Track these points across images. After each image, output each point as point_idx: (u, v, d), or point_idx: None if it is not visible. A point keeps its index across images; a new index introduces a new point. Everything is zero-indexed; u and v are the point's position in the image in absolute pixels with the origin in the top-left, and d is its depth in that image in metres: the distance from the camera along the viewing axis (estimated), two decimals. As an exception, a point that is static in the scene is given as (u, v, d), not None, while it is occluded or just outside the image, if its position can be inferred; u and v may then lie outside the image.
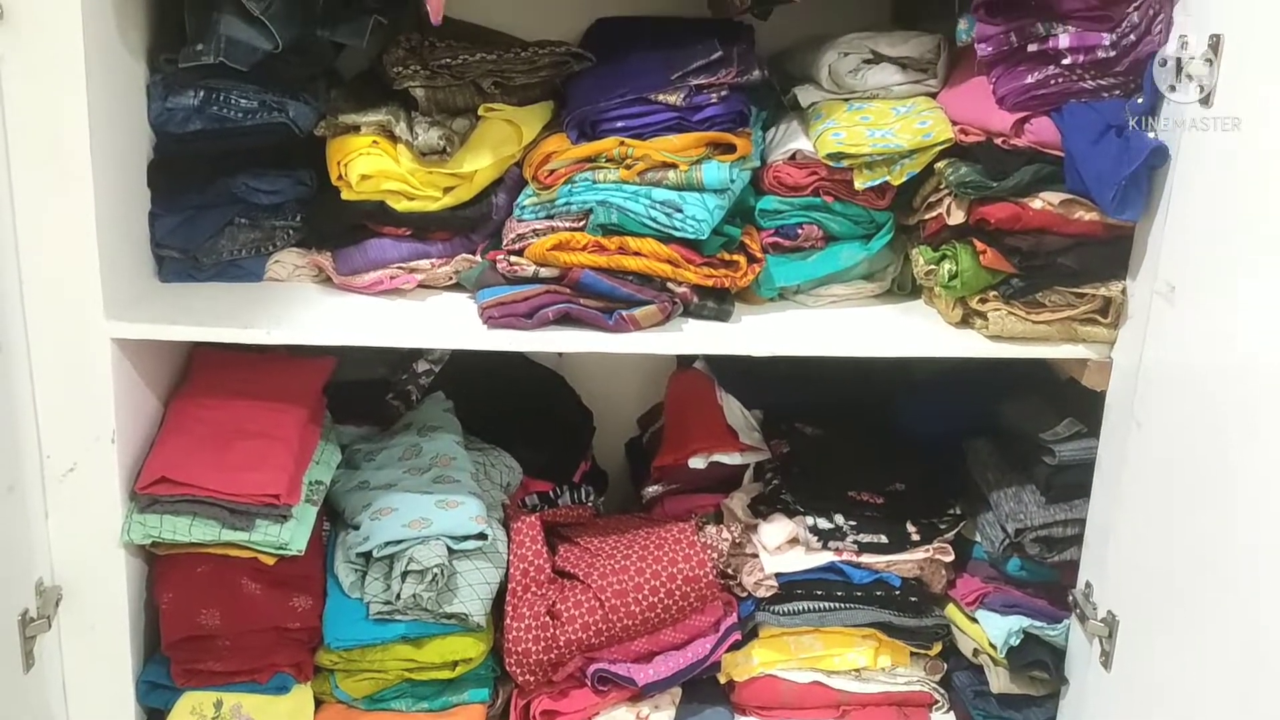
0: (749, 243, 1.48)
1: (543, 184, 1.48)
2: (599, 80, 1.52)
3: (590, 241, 1.44)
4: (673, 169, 1.44)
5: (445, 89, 1.51)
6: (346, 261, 1.54)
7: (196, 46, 1.42)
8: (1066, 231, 1.38)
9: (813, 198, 1.51)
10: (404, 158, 1.49)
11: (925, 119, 1.46)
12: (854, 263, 1.54)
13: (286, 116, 1.50)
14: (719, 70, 1.47)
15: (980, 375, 1.64)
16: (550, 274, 1.45)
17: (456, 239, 1.55)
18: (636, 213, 1.43)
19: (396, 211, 1.51)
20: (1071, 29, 1.34)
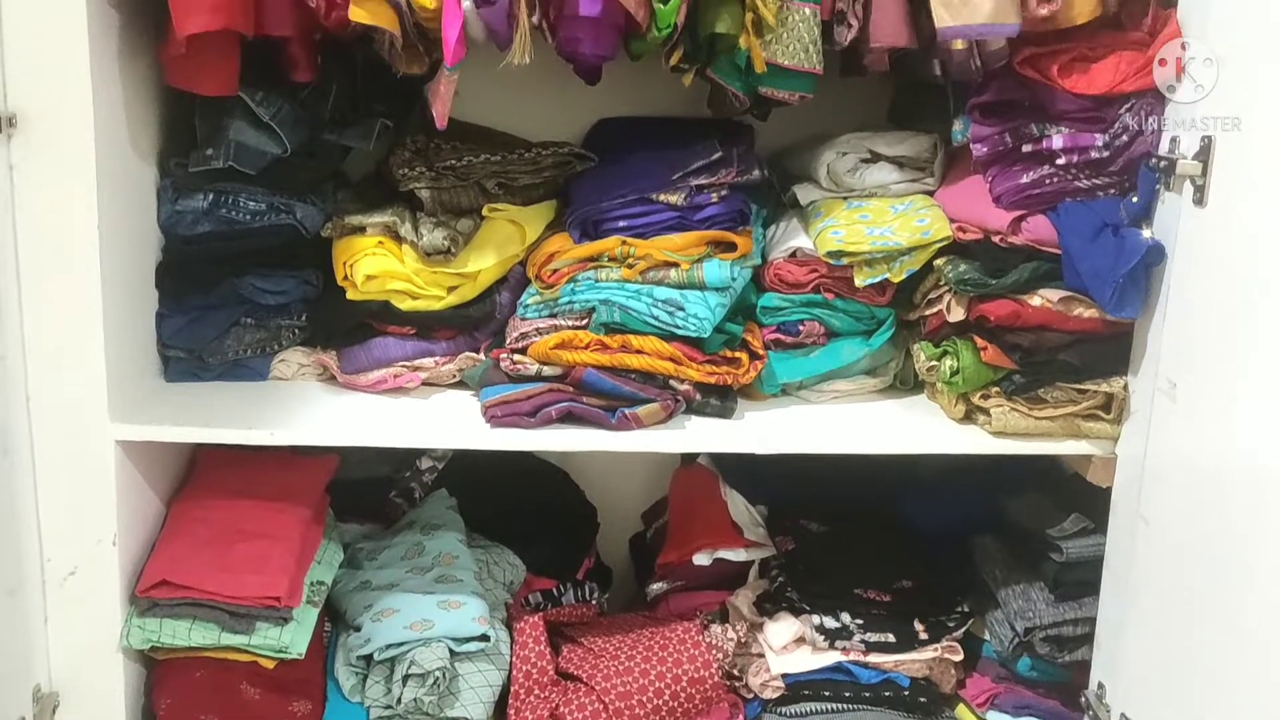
0: (751, 340, 1.49)
1: (546, 283, 1.50)
2: (601, 180, 1.55)
3: (593, 340, 1.45)
4: (674, 268, 1.46)
5: (450, 190, 1.53)
6: (351, 360, 1.55)
7: (207, 151, 1.45)
8: (1067, 328, 1.39)
9: (814, 295, 1.52)
10: (409, 258, 1.51)
11: (923, 217, 1.48)
12: (856, 359, 1.54)
13: (294, 218, 1.52)
14: (719, 170, 1.49)
15: (985, 470, 1.64)
16: (553, 372, 1.46)
17: (460, 337, 1.56)
18: (639, 311, 1.44)
19: (401, 311, 1.52)
20: (1065, 130, 1.36)
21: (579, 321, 1.48)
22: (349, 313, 1.54)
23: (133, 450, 1.41)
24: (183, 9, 1.23)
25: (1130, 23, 1.38)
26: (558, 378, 1.46)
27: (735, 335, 1.47)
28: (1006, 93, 1.40)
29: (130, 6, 1.35)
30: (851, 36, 1.38)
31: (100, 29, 1.29)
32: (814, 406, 1.55)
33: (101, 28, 1.30)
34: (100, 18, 1.29)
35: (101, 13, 1.30)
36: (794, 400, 1.57)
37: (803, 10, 1.36)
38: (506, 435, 1.41)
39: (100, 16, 1.29)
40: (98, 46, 1.28)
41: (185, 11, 1.23)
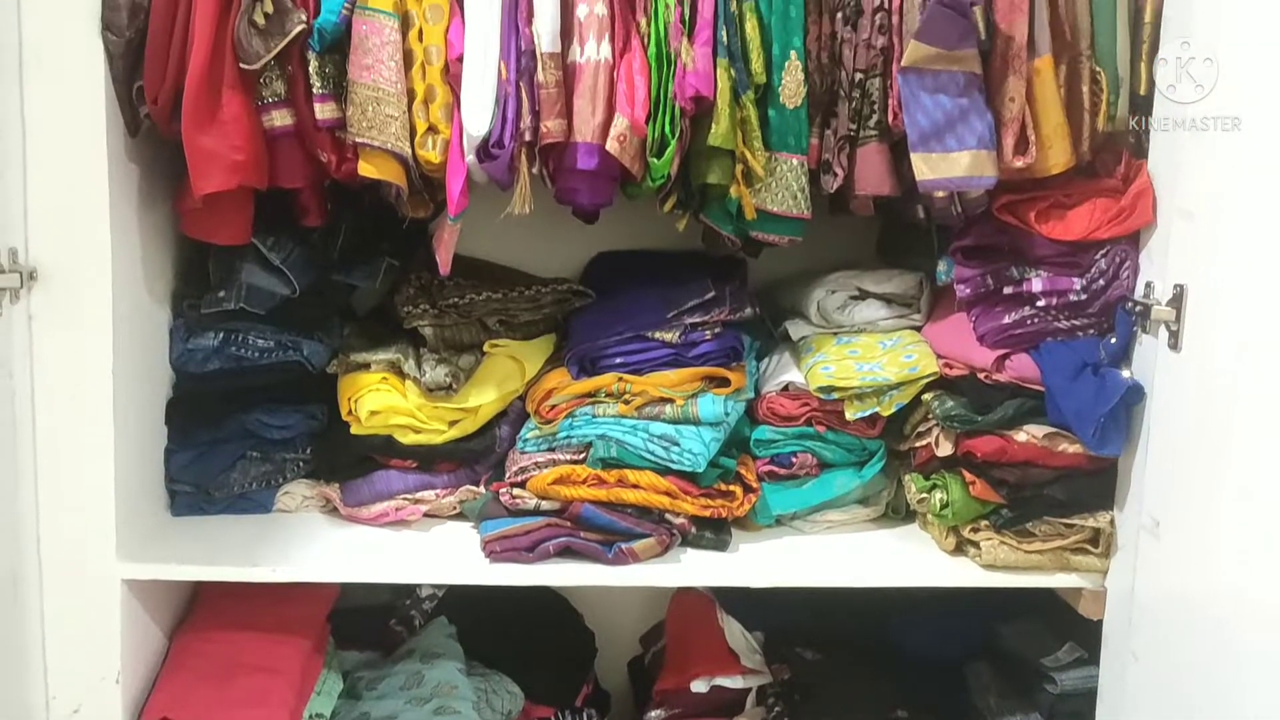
0: (745, 473, 1.53)
1: (545, 418, 1.54)
2: (599, 316, 1.60)
3: (590, 475, 1.48)
4: (669, 404, 1.50)
5: (452, 327, 1.59)
6: (354, 493, 1.59)
7: (219, 293, 1.50)
8: (1052, 464, 1.42)
9: (806, 427, 1.56)
10: (412, 393, 1.55)
11: (910, 353, 1.53)
12: (848, 490, 1.58)
13: (301, 355, 1.57)
14: (712, 309, 1.54)
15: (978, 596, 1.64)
16: (552, 507, 1.49)
17: (461, 470, 1.60)
18: (635, 446, 1.48)
19: (403, 445, 1.56)
20: (1044, 274, 1.42)
21: (577, 455, 1.51)
22: (353, 447, 1.58)
23: (138, 587, 1.43)
24: (200, 170, 1.30)
25: (1104, 171, 1.45)
26: (556, 512, 1.49)
27: (729, 469, 1.51)
28: (987, 237, 1.46)
29: (148, 159, 1.42)
30: (837, 185, 1.44)
31: (120, 183, 1.36)
32: (808, 537, 1.58)
33: (122, 182, 1.36)
34: (121, 172, 1.36)
35: (122, 167, 1.36)
36: (788, 531, 1.59)
37: (790, 161, 1.42)
38: (505, 570, 1.44)
39: (121, 170, 1.36)
40: (118, 200, 1.35)
41: (202, 173, 1.30)
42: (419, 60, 1.36)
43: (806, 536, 1.59)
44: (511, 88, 1.34)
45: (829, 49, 1.41)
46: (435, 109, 1.36)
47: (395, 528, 1.57)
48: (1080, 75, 1.41)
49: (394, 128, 1.34)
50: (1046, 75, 1.38)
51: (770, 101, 1.40)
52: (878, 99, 1.41)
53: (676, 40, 1.34)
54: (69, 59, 1.29)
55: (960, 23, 1.31)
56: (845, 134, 1.42)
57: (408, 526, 1.58)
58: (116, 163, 1.34)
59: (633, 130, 1.35)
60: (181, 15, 1.29)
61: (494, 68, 1.33)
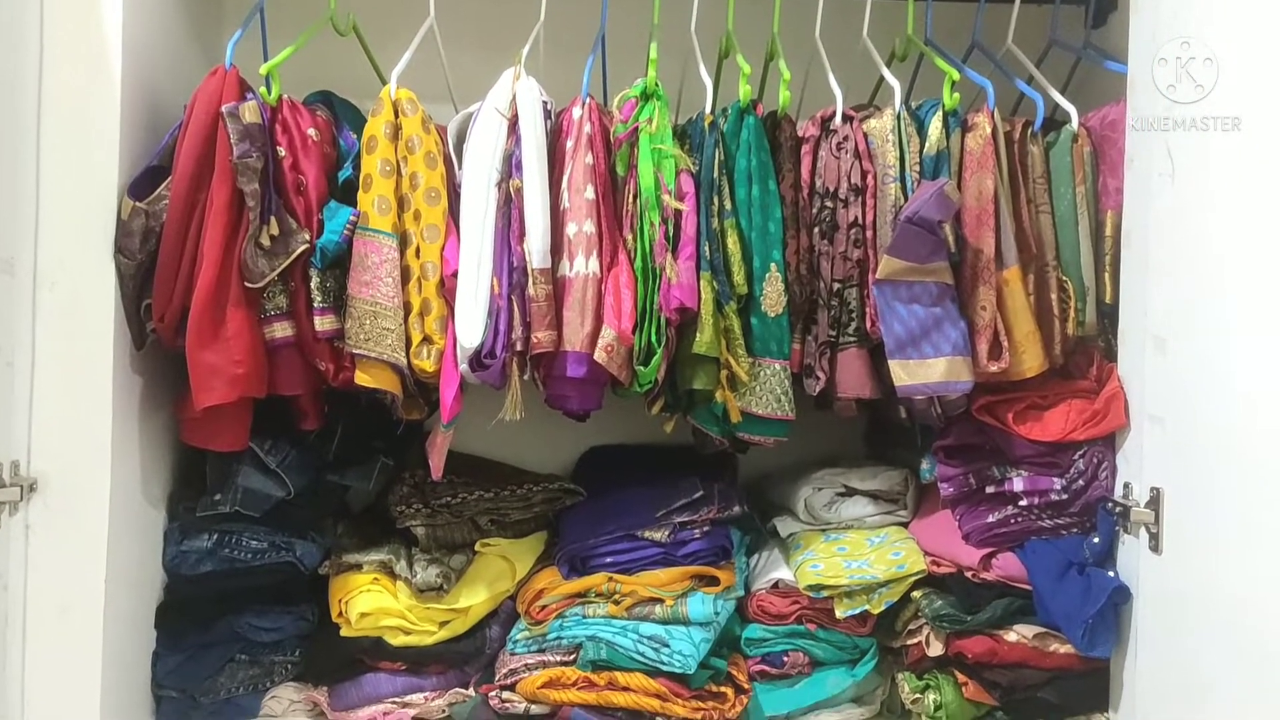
0: (736, 673, 1.52)
1: (535, 619, 1.54)
2: (590, 514, 1.62)
3: (580, 677, 1.48)
4: (659, 604, 1.51)
5: (445, 526, 1.60)
6: (342, 698, 1.57)
7: (215, 496, 1.53)
8: (1044, 665, 1.42)
9: (796, 625, 1.56)
10: (402, 594, 1.55)
11: (898, 549, 1.54)
12: (841, 689, 1.56)
13: (294, 556, 1.58)
14: (701, 508, 1.57)
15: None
16: (541, 711, 1.48)
17: (451, 672, 1.59)
18: (625, 648, 1.48)
19: (393, 646, 1.56)
20: (1024, 473, 1.45)
21: (567, 656, 1.51)
22: (342, 648, 1.58)
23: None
24: (202, 384, 1.34)
25: (1078, 372, 1.50)
26: (546, 717, 1.47)
27: (720, 670, 1.50)
28: (967, 436, 1.50)
29: (150, 370, 1.47)
30: (820, 388, 1.49)
31: (124, 393, 1.40)
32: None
33: (125, 392, 1.41)
34: (124, 383, 1.40)
35: (126, 378, 1.41)
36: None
37: (773, 366, 1.47)
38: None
39: (125, 381, 1.40)
40: (120, 410, 1.39)
41: (204, 386, 1.34)
42: (415, 275, 1.42)
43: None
44: (504, 301, 1.40)
45: (807, 261, 1.48)
46: (430, 321, 1.42)
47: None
48: (1048, 284, 1.47)
49: (390, 339, 1.40)
50: (1015, 285, 1.44)
51: (753, 310, 1.46)
52: (855, 307, 1.47)
53: (661, 256, 1.41)
54: (82, 280, 1.35)
55: (930, 239, 1.38)
56: (826, 339, 1.48)
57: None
58: (121, 374, 1.39)
59: (620, 340, 1.40)
60: (191, 240, 1.36)
61: (487, 283, 1.39)
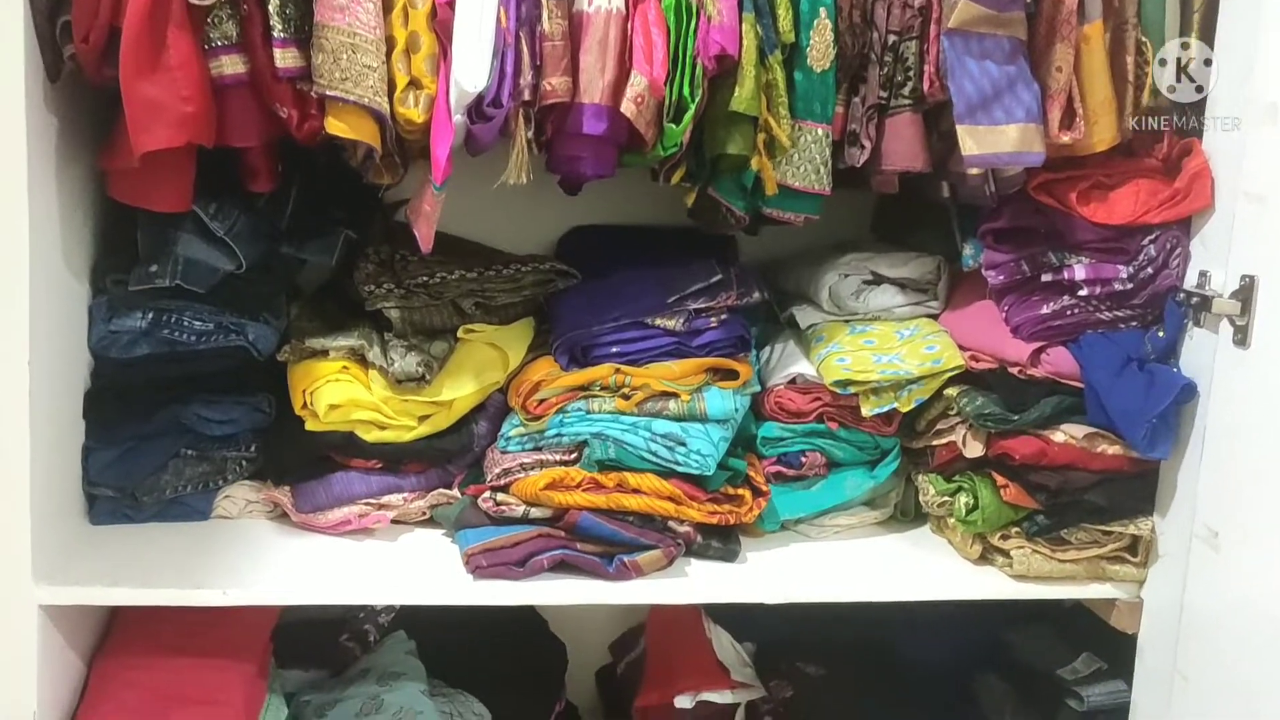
0: (754, 475, 1.38)
1: (532, 414, 1.37)
2: (588, 300, 1.43)
3: (586, 479, 1.32)
4: (673, 399, 1.35)
5: (422, 309, 1.40)
6: (308, 498, 1.39)
7: (150, 268, 1.29)
8: (1092, 467, 1.32)
9: (816, 424, 1.42)
10: (376, 384, 1.36)
11: (932, 343, 1.40)
12: (860, 492, 1.45)
13: (245, 339, 1.37)
14: (719, 293, 1.39)
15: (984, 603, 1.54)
16: (542, 514, 1.32)
17: (432, 471, 1.42)
18: (636, 446, 1.32)
19: (366, 442, 1.37)
20: (1086, 260, 1.30)
21: (567, 456, 1.35)
22: (306, 444, 1.38)
23: (55, 613, 1.22)
24: (142, 123, 1.08)
25: (1141, 149, 1.34)
26: (547, 520, 1.32)
27: (739, 471, 1.36)
28: (1021, 218, 1.34)
29: (67, 111, 1.20)
30: (864, 159, 1.30)
31: (38, 140, 1.13)
32: (816, 545, 1.44)
33: (39, 138, 1.14)
34: (38, 126, 1.13)
35: (40, 119, 1.14)
36: (793, 536, 1.46)
37: (815, 130, 1.28)
38: (494, 589, 1.27)
39: (38, 124, 1.13)
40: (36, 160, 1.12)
41: (145, 126, 1.08)
42: (400, 3, 1.16)
43: (814, 543, 1.45)
44: (511, 37, 1.15)
45: (861, 7, 1.27)
46: (419, 60, 1.17)
47: (357, 537, 1.38)
48: (1125, 44, 1.29)
49: (371, 80, 1.15)
50: (1096, 43, 1.26)
51: (797, 63, 1.25)
52: (913, 64, 1.27)
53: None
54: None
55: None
56: (875, 102, 1.29)
57: (371, 535, 1.39)
58: (35, 114, 1.12)
59: (651, 91, 1.19)
60: (121, -65, 1.07)
61: (493, 13, 1.14)
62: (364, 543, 1.38)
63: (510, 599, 1.27)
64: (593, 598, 1.28)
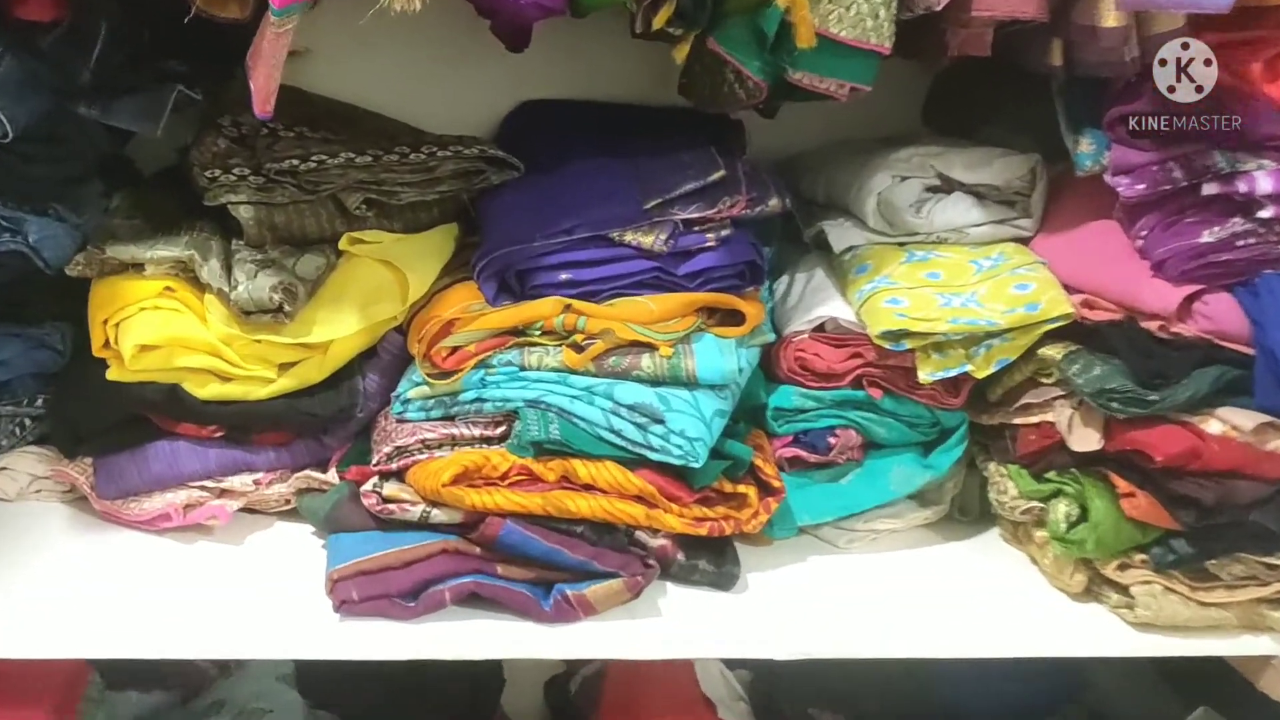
0: (762, 464, 0.95)
1: (439, 367, 0.93)
2: (532, 201, 0.99)
3: (515, 467, 0.90)
4: (648, 352, 0.91)
5: (288, 207, 0.96)
6: (115, 477, 0.96)
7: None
8: (1263, 473, 0.90)
9: (852, 390, 1.00)
10: (215, 316, 0.93)
11: (1025, 280, 0.97)
12: (909, 489, 1.03)
13: (24, 243, 0.94)
14: (720, 198, 0.95)
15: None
16: (448, 518, 0.90)
17: (298, 443, 0.99)
18: (590, 422, 0.90)
19: (200, 400, 0.94)
20: (1271, 165, 0.87)
21: (490, 431, 0.92)
22: (112, 400, 0.95)
23: None
24: None
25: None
26: (455, 528, 0.90)
27: (741, 459, 0.93)
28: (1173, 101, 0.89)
29: None
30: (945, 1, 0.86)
31: None
32: (845, 559, 1.03)
33: None
34: None
35: None
36: (812, 544, 1.03)
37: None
38: (367, 635, 0.85)
39: None
40: None
41: None
42: None
43: (842, 556, 1.03)
44: None
45: None
46: None
47: (186, 536, 0.96)
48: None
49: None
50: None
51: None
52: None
53: None
54: None
55: None
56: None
57: (207, 534, 0.97)
58: None
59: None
60: None
61: None
62: (195, 545, 0.95)
63: (390, 651, 0.85)
64: (517, 650, 0.86)
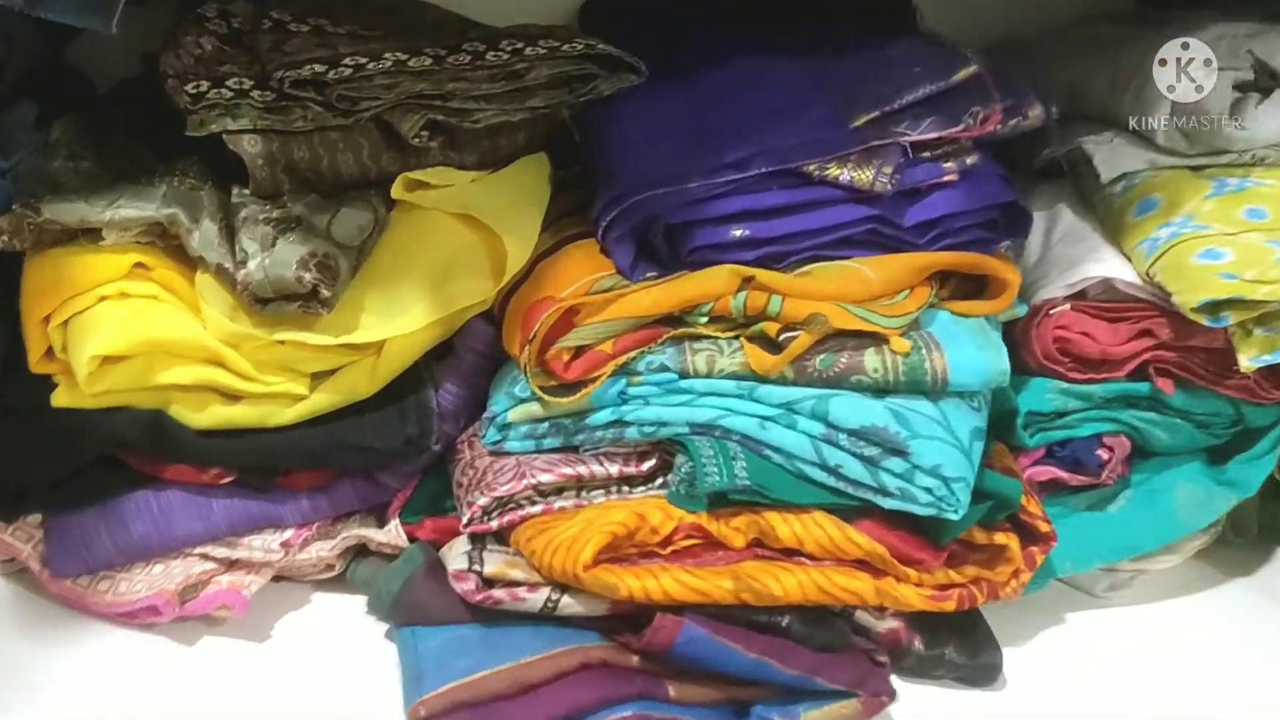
0: (1029, 506, 0.65)
1: (556, 376, 0.62)
2: (673, 120, 0.66)
3: (683, 527, 0.59)
4: (874, 346, 0.61)
5: (313, 137, 0.64)
6: (77, 546, 0.65)
7: None
8: None
9: (1132, 384, 0.69)
10: (214, 307, 0.62)
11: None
12: (1210, 520, 0.73)
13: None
14: (968, 108, 0.63)
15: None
16: (587, 609, 0.60)
17: (342, 485, 0.68)
18: (793, 455, 0.60)
19: (196, 432, 0.63)
20: None
21: (634, 468, 0.62)
22: (66, 435, 0.64)
23: None
24: None
25: None
26: (599, 622, 0.60)
27: (1006, 499, 0.63)
28: None
29: None
30: None
31: None
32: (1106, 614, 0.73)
33: None
34: None
35: None
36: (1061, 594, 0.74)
37: None
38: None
39: None
40: None
41: None
42: None
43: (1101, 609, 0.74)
44: None
45: None
46: None
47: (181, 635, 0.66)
48: None
49: None
50: None
51: None
52: None
53: None
54: None
55: None
56: None
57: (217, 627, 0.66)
58: None
59: None
60: None
61: None
62: (200, 642, 0.65)
63: None
64: None
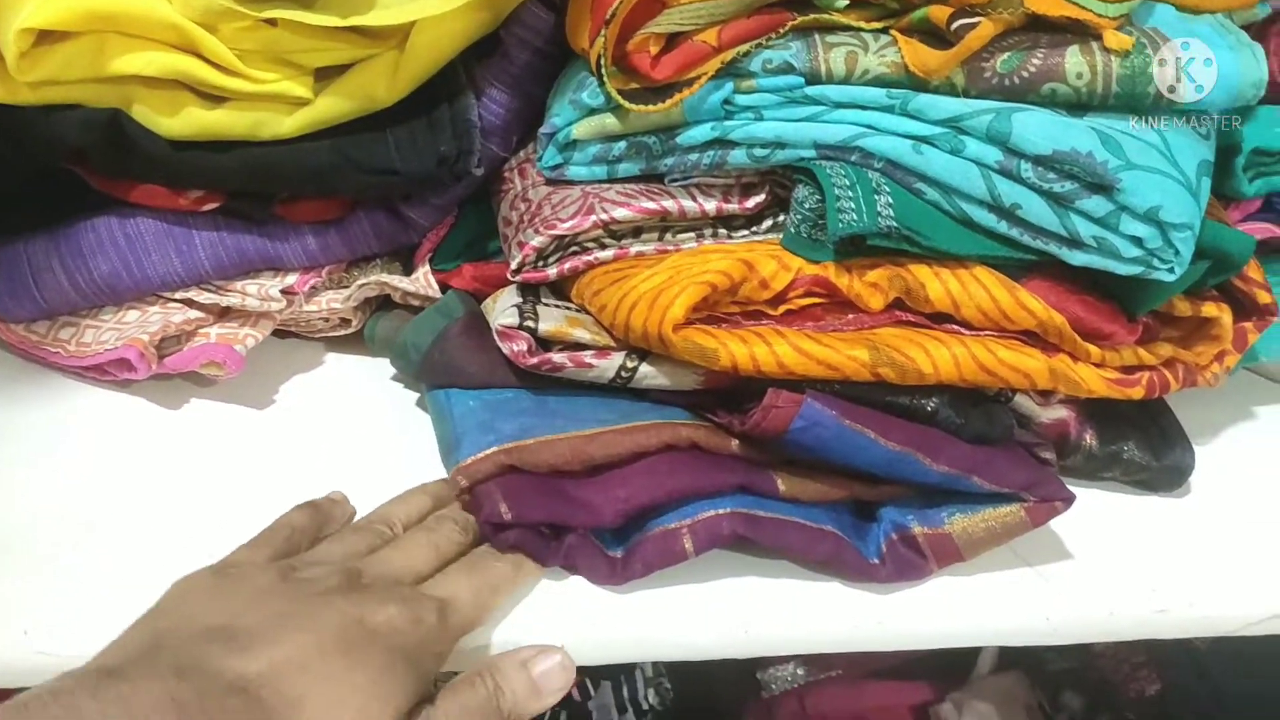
0: (1248, 269, 0.49)
1: (642, 75, 0.46)
2: None
3: (802, 280, 0.45)
4: (1080, 43, 0.44)
5: None
6: (26, 284, 0.52)
7: None
8: None
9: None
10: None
11: None
12: None
13: None
14: None
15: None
16: (673, 381, 0.46)
17: (357, 219, 0.53)
18: (957, 190, 0.44)
19: (168, 141, 0.48)
20: None
21: (738, 203, 0.47)
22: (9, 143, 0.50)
23: None
24: None
25: None
26: (692, 397, 0.46)
27: (1232, 258, 0.47)
28: None
29: None
30: None
31: None
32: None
33: None
34: None
35: None
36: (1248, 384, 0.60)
37: None
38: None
39: None
40: None
41: None
42: None
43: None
44: None
45: None
46: None
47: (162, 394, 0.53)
48: None
49: None
50: None
51: None
52: None
53: None
54: None
55: None
56: None
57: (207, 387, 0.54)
58: None
59: None
60: None
61: None
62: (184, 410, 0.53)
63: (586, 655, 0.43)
64: (824, 642, 0.44)
